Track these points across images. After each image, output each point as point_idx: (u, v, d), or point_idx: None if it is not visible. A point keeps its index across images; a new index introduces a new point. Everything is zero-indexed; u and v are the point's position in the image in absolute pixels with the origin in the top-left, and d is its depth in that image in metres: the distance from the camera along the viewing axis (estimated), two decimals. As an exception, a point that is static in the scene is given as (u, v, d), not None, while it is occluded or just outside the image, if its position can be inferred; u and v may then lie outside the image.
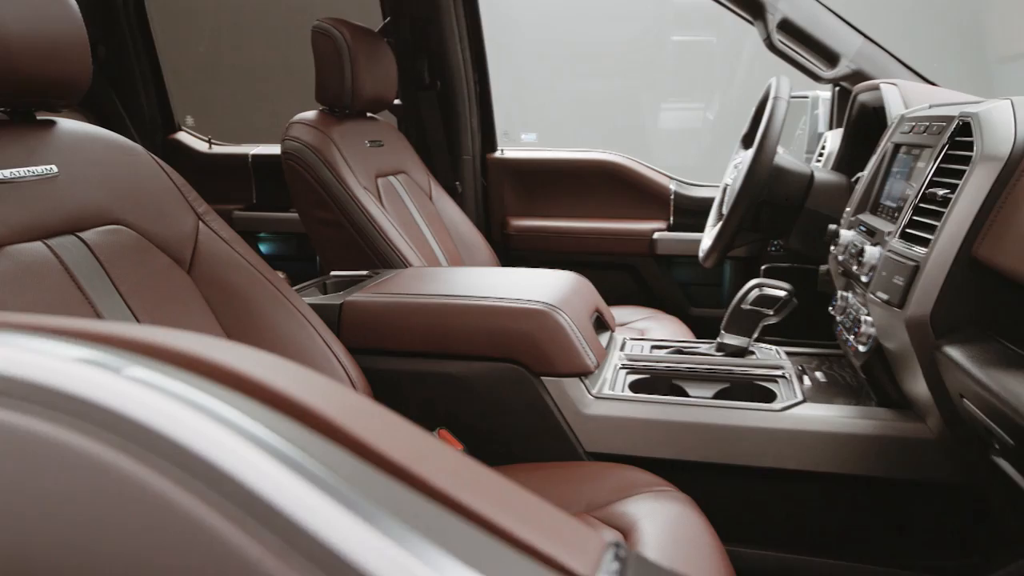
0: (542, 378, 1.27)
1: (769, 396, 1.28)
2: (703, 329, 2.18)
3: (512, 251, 2.52)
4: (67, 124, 1.12)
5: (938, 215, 0.98)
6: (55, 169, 1.04)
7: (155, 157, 1.23)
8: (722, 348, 1.45)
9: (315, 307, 1.36)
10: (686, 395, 1.31)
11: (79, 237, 1.03)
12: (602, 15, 3.93)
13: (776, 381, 1.33)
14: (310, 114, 1.90)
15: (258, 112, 3.28)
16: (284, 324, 1.21)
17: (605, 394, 1.26)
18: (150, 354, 0.35)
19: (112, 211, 1.09)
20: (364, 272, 1.65)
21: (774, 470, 1.19)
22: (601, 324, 1.51)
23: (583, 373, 1.27)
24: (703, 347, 1.50)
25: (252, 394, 0.33)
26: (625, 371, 1.37)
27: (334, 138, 1.85)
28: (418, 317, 1.33)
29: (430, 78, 2.37)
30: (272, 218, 2.68)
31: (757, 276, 2.31)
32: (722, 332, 1.45)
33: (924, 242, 0.98)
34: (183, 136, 2.83)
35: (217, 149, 2.79)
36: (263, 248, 2.76)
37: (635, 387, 1.32)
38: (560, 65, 3.92)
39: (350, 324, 1.36)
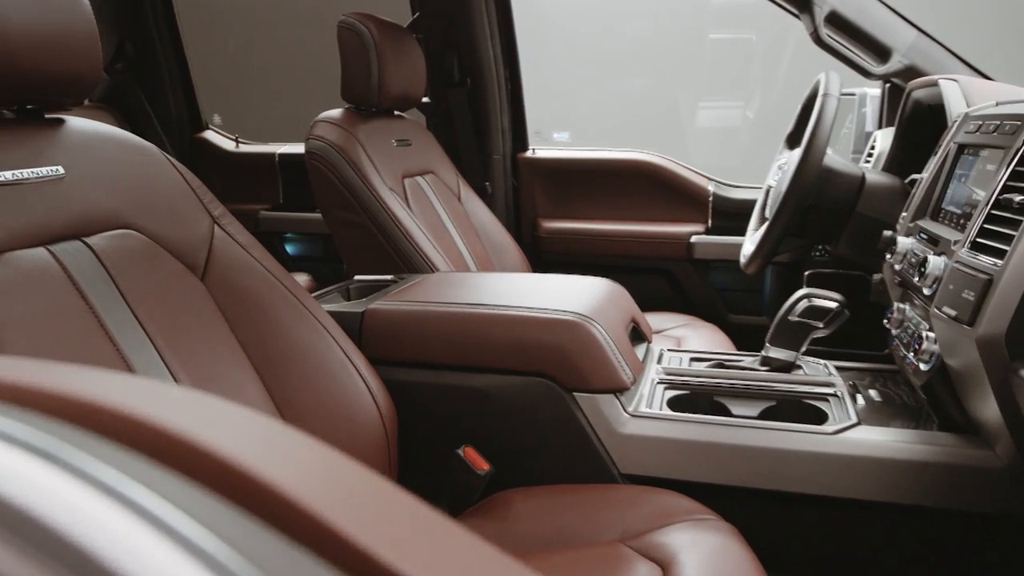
0: (574, 394, 1.19)
1: (820, 417, 1.19)
2: (742, 337, 2.08)
3: (543, 254, 2.44)
4: (77, 123, 1.06)
5: (1015, 223, 0.89)
6: (61, 170, 0.98)
7: (170, 157, 1.17)
8: (767, 362, 1.36)
9: (336, 315, 1.30)
10: (729, 414, 1.23)
11: (85, 242, 0.97)
12: (637, 11, 3.84)
13: (827, 400, 1.23)
14: (335, 112, 1.84)
15: (287, 110, 3.24)
16: (301, 333, 1.15)
17: (642, 412, 1.18)
18: None
19: (121, 214, 1.03)
20: (389, 277, 1.58)
21: (825, 498, 1.09)
22: (637, 335, 1.43)
23: (618, 389, 1.19)
24: (747, 360, 1.41)
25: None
26: (663, 386, 1.28)
27: (359, 137, 1.78)
28: (443, 327, 1.26)
29: (460, 75, 2.30)
30: (299, 218, 2.63)
31: (800, 282, 2.21)
32: (767, 345, 1.36)
33: (998, 253, 0.89)
34: (210, 135, 2.79)
35: (244, 148, 2.75)
36: (289, 249, 2.71)
37: (674, 404, 1.24)
38: (594, 62, 3.84)
39: (372, 333, 1.30)
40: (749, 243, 1.76)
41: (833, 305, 1.31)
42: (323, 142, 1.75)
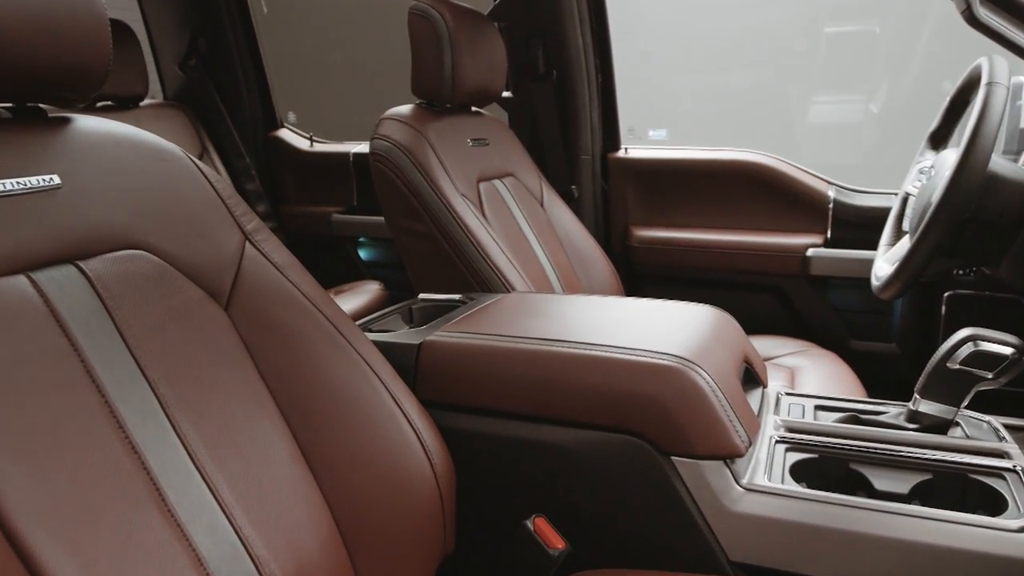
0: (673, 459, 0.95)
1: (994, 501, 0.92)
2: (867, 368, 1.79)
3: (635, 266, 2.20)
4: (85, 124, 0.90)
5: None
6: (57, 180, 0.82)
7: (197, 162, 1.00)
8: (917, 418, 1.08)
9: (387, 347, 1.10)
10: (870, 489, 0.97)
11: (79, 267, 0.80)
12: (742, 2, 3.54)
13: (1003, 477, 0.95)
14: (404, 108, 1.66)
15: (365, 108, 3.11)
16: (342, 374, 0.95)
17: (758, 485, 0.93)
18: None
19: (131, 232, 0.86)
20: (456, 297, 1.38)
21: None
22: (750, 377, 1.18)
23: (729, 455, 0.95)
24: (890, 413, 1.13)
25: None
26: (784, 447, 1.03)
27: (429, 136, 1.59)
28: (513, 367, 1.05)
29: (545, 66, 2.09)
30: (373, 222, 2.48)
31: (937, 304, 1.89)
32: (917, 397, 1.09)
33: None
34: (284, 133, 2.67)
35: (318, 147, 2.62)
36: (362, 254, 2.56)
37: (798, 471, 0.99)
38: (695, 54, 3.54)
39: (429, 371, 1.10)
40: (883, 261, 1.47)
41: (1007, 351, 1.03)
42: (388, 142, 1.57)
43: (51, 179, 0.82)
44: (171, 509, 0.75)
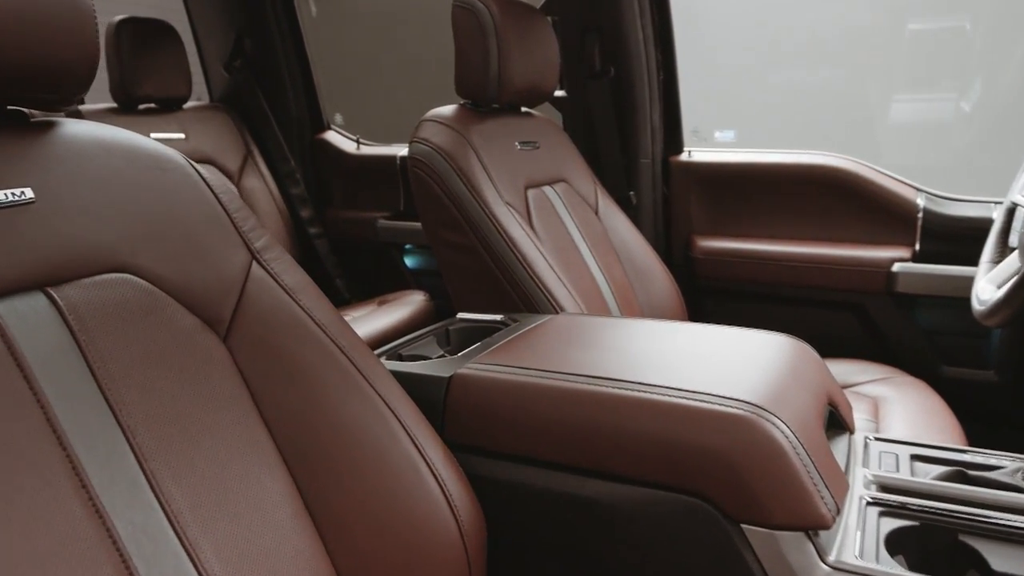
0: (743, 527, 0.80)
1: None
2: (961, 398, 1.60)
3: (698, 280, 2.02)
4: (71, 129, 0.80)
5: None
6: (30, 193, 0.71)
7: (201, 171, 0.89)
8: (1040, 478, 0.90)
9: (413, 379, 0.98)
10: (984, 568, 0.79)
11: (49, 294, 0.70)
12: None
13: None
14: (446, 109, 1.53)
15: (416, 109, 3.01)
16: (356, 415, 0.83)
17: (849, 564, 0.77)
18: None
19: (115, 252, 0.75)
20: (498, 318, 1.25)
21: None
22: (834, 421, 1.01)
23: (813, 526, 0.78)
24: (1006, 468, 0.95)
25: None
26: (877, 511, 0.86)
27: (473, 140, 1.46)
28: (557, 408, 0.91)
29: (602, 63, 1.94)
30: (420, 229, 2.36)
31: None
32: (1039, 452, 0.90)
33: None
34: (331, 135, 2.58)
35: (365, 150, 2.52)
36: (408, 262, 2.45)
37: (894, 542, 0.82)
38: (765, 51, 3.33)
39: (460, 409, 0.96)
40: (987, 282, 1.29)
41: None
42: (427, 145, 1.44)
43: (22, 193, 0.71)
44: None
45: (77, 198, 0.75)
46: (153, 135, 2.13)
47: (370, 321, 1.96)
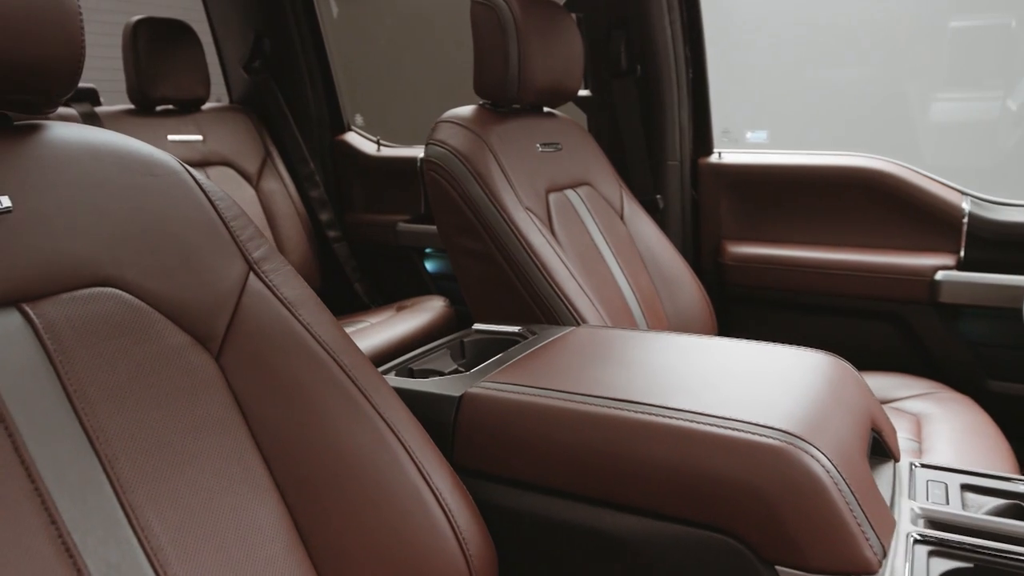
0: (778, 569, 0.73)
1: None
2: (1009, 415, 1.51)
3: (728, 288, 1.94)
4: (56, 132, 0.75)
5: None
6: (6, 202, 0.66)
7: (197, 176, 0.83)
8: (1110, 517, 0.81)
9: (421, 398, 0.92)
10: (1053, 619, 0.71)
11: (24, 311, 0.65)
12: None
13: None
14: (464, 110, 1.47)
15: (439, 110, 2.96)
16: (357, 440, 0.77)
17: (897, 614, 0.70)
18: None
19: (99, 265, 0.70)
20: (516, 329, 1.19)
21: None
22: (878, 447, 0.93)
23: (856, 571, 0.71)
24: (1067, 503, 0.87)
25: None
26: (926, 550, 0.78)
27: (491, 142, 1.40)
28: (575, 432, 0.84)
29: (628, 61, 1.86)
30: None
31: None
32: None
33: None
34: (351, 136, 2.54)
35: (385, 151, 2.47)
36: (429, 266, 2.39)
37: (947, 587, 0.74)
38: (802, 48, 3.23)
39: (470, 430, 0.90)
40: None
41: None
42: (444, 147, 1.38)
43: (-2, 202, 0.66)
44: None
45: (59, 206, 0.70)
46: (170, 137, 2.09)
47: (387, 328, 1.90)
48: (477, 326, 1.23)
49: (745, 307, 1.94)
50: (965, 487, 0.92)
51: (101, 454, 0.63)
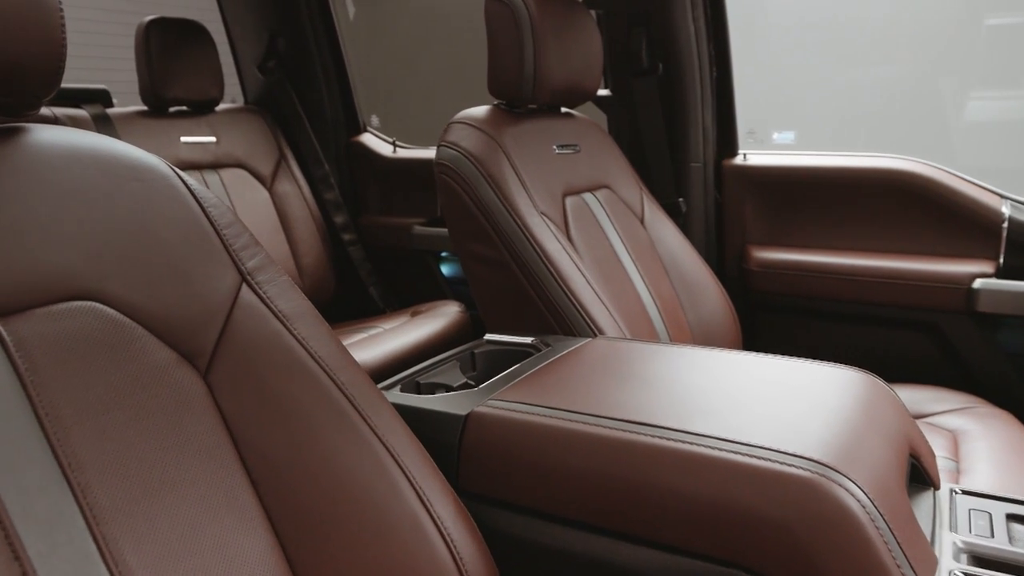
0: (807, 612, 0.66)
1: None
2: (1054, 432, 1.41)
3: (753, 295, 1.87)
4: (37, 136, 0.70)
5: None
6: None
7: (188, 181, 0.79)
8: None
9: (425, 417, 0.86)
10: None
11: (-7, 328, 0.60)
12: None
13: None
14: (478, 111, 1.42)
15: (452, 112, 2.91)
16: (353, 464, 0.72)
17: (941, 666, 0.63)
18: None
19: (79, 277, 0.66)
20: (529, 340, 1.13)
21: None
22: (916, 474, 0.86)
23: (895, 617, 0.65)
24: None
25: None
26: (971, 589, 0.72)
27: (505, 144, 1.34)
28: (587, 456, 0.78)
29: (650, 60, 1.80)
30: None
31: None
32: None
33: None
34: (366, 138, 2.49)
35: (401, 153, 2.42)
36: (444, 270, 2.34)
37: (994, 632, 0.68)
38: (831, 47, 3.14)
39: (476, 452, 0.85)
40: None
41: None
42: (455, 149, 1.33)
43: (-32, 209, 0.62)
44: None
45: (35, 215, 0.65)
46: (183, 139, 2.06)
47: (401, 335, 1.86)
48: (489, 336, 1.18)
49: (771, 315, 1.87)
50: (1011, 517, 0.85)
51: (73, 482, 0.59)
